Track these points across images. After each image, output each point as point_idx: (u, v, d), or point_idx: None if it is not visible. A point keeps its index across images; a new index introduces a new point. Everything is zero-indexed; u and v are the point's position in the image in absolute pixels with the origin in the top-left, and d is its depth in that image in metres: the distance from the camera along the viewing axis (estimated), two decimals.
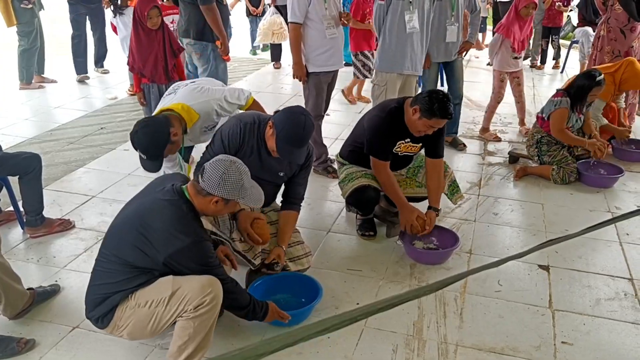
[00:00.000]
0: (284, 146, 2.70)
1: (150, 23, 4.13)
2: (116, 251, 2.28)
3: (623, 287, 3.16)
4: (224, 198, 2.28)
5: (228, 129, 2.84)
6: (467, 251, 3.48)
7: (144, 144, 2.93)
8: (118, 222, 2.37)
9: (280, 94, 6.94)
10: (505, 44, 5.22)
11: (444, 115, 3.16)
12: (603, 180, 4.49)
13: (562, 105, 4.44)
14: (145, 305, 2.27)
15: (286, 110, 2.79)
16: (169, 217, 2.22)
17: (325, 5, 4.17)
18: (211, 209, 2.32)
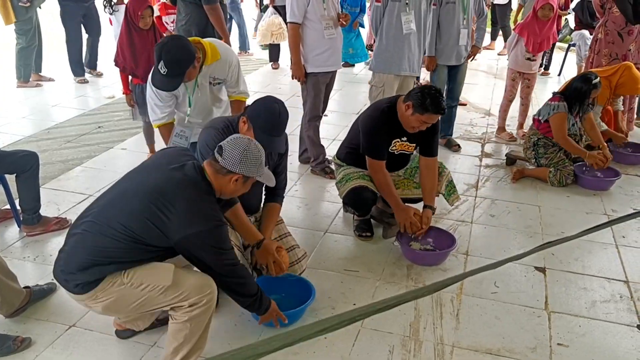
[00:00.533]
0: (264, 137, 2.66)
1: (142, 23, 4.12)
2: (123, 220, 2.13)
3: (619, 289, 3.17)
4: (244, 175, 2.24)
5: (208, 138, 2.77)
6: (464, 253, 3.49)
7: (172, 55, 2.94)
8: (124, 192, 2.23)
9: (279, 94, 6.92)
10: (521, 44, 5.23)
11: (436, 110, 3.18)
12: (600, 183, 4.51)
13: (560, 110, 4.45)
14: (138, 287, 2.19)
15: (257, 102, 2.77)
16: (192, 197, 2.15)
17: (324, 5, 4.18)
18: (230, 188, 2.26)
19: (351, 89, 7.40)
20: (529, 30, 5.17)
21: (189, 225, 2.11)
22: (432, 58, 4.87)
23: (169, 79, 3.02)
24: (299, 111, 4.65)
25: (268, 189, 3.05)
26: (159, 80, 3.04)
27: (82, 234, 2.19)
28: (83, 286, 2.17)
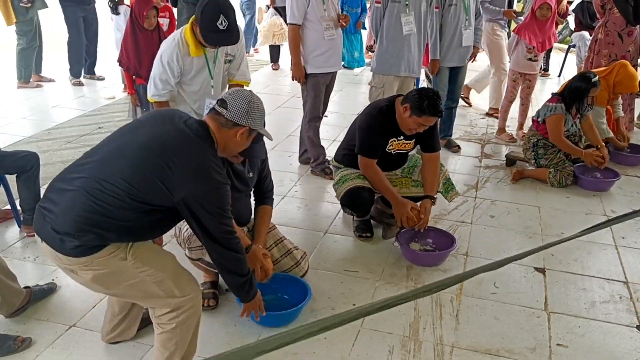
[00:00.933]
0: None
1: (147, 23, 4.14)
2: (126, 176, 1.98)
3: (618, 290, 3.18)
4: (250, 128, 2.21)
5: None
6: (464, 253, 3.50)
7: (229, 8, 2.98)
8: (123, 148, 2.07)
9: (279, 94, 6.94)
10: (521, 45, 5.24)
11: (433, 112, 3.20)
12: (599, 184, 4.51)
13: (557, 111, 4.46)
14: (138, 268, 2.07)
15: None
16: (200, 154, 2.05)
17: (324, 6, 4.18)
18: (235, 142, 2.21)
19: (351, 90, 7.41)
20: (529, 30, 5.18)
21: (195, 181, 2.01)
22: (435, 61, 4.86)
23: (230, 33, 3.01)
24: (299, 112, 4.66)
25: (257, 193, 3.03)
26: (222, 37, 3.02)
27: (77, 191, 1.99)
28: (84, 250, 1.98)
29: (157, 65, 3.21)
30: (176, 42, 3.14)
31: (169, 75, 3.19)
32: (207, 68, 3.28)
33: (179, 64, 3.18)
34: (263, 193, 3.03)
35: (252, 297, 2.40)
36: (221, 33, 2.99)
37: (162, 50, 3.20)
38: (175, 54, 3.14)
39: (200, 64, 3.25)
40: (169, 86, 3.24)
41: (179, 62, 3.16)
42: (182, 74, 3.24)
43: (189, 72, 3.25)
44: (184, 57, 3.17)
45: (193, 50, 3.15)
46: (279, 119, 5.79)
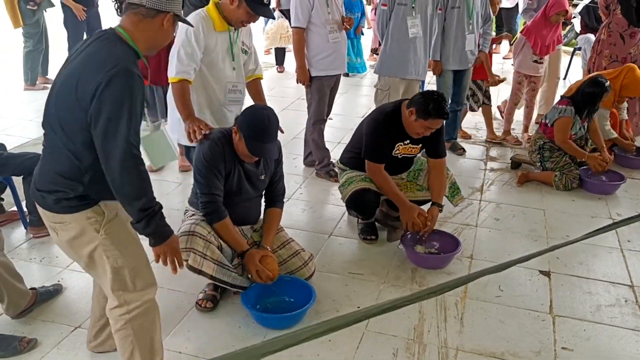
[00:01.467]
0: (255, 144, 2.66)
1: None
2: (60, 117, 1.93)
3: (624, 293, 3.17)
4: (175, 14, 2.03)
5: (207, 148, 2.74)
6: (469, 256, 3.49)
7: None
8: (53, 91, 2.00)
9: (284, 97, 6.95)
10: (528, 47, 5.23)
11: (439, 115, 3.20)
12: (605, 187, 4.50)
13: (567, 114, 4.45)
14: (106, 245, 2.03)
15: (246, 111, 2.78)
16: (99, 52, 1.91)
17: (328, 9, 4.19)
18: (162, 33, 2.04)
19: (356, 93, 7.42)
20: (536, 33, 5.17)
21: (100, 69, 1.84)
22: (437, 62, 4.87)
23: (269, 8, 3.09)
24: (303, 114, 4.67)
25: (268, 196, 3.06)
26: (267, 10, 3.07)
27: (44, 149, 2.05)
28: (64, 207, 1.99)
29: (181, 40, 3.02)
30: (201, 15, 3.06)
31: (194, 47, 2.99)
32: (229, 47, 3.15)
33: (205, 35, 3.02)
34: (274, 196, 3.05)
35: (159, 237, 2.05)
36: (264, 6, 3.02)
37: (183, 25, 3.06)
38: (200, 25, 3.01)
39: (224, 42, 3.13)
40: (194, 62, 3.02)
41: (204, 32, 3.02)
42: (205, 51, 3.06)
43: (213, 49, 3.08)
44: (209, 32, 3.05)
45: (218, 25, 3.06)
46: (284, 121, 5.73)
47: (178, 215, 3.48)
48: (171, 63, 3.06)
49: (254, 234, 3.04)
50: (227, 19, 3.08)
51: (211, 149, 2.74)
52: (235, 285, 2.82)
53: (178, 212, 3.73)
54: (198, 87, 3.13)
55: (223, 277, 2.75)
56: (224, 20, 3.08)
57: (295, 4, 4.17)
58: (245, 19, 3.05)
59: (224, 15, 3.07)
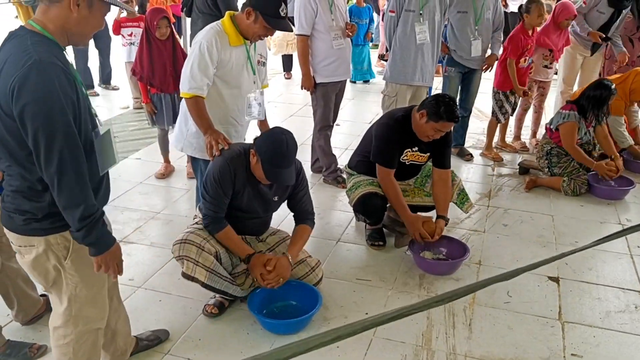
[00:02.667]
0: (271, 169, 2.64)
1: (159, 33, 4.18)
2: None
3: (633, 299, 3.15)
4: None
5: (217, 168, 2.73)
6: (477, 262, 3.48)
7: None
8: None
9: (292, 103, 6.97)
10: (539, 52, 5.21)
11: (450, 117, 3.21)
12: (614, 192, 4.48)
13: (571, 119, 4.43)
14: (70, 272, 1.96)
15: (265, 134, 2.76)
16: (11, 53, 1.73)
17: (331, 16, 4.20)
18: (76, 22, 1.79)
19: (363, 98, 7.43)
20: (548, 37, 5.14)
21: (13, 70, 1.68)
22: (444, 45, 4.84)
23: (287, 21, 3.02)
24: (311, 121, 4.68)
25: (296, 215, 3.04)
26: (284, 24, 2.97)
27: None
28: (31, 229, 1.88)
29: (194, 55, 2.95)
30: (215, 29, 2.98)
31: (207, 62, 2.92)
32: (248, 61, 3.08)
33: (218, 51, 2.94)
34: (302, 214, 3.03)
35: (101, 247, 1.91)
36: (282, 19, 2.95)
37: (198, 38, 3.00)
38: (214, 39, 2.93)
39: (240, 57, 3.05)
40: (207, 77, 2.95)
41: (217, 48, 2.93)
42: (219, 66, 2.98)
43: (228, 64, 3.01)
44: (223, 47, 2.96)
45: (233, 39, 2.98)
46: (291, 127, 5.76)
47: (186, 221, 3.50)
48: (184, 78, 2.99)
49: (259, 244, 3.05)
50: (243, 32, 3.01)
51: (221, 170, 2.72)
52: (228, 294, 2.83)
53: (186, 219, 3.75)
54: (212, 102, 3.04)
55: (215, 284, 2.76)
56: (239, 34, 3.01)
57: (299, 12, 4.19)
58: (262, 33, 2.99)
59: (240, 29, 3.00)
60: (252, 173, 2.76)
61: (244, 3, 2.99)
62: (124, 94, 7.18)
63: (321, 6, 4.15)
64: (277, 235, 3.12)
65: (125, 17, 6.14)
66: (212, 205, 2.75)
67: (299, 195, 2.98)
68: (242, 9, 2.98)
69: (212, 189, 2.74)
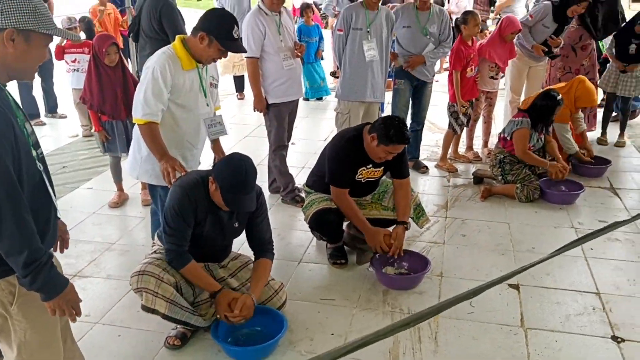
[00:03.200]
0: (231, 197, 2.61)
1: (108, 60, 4.10)
2: None
3: (591, 301, 3.22)
4: (18, 30, 1.67)
5: (176, 201, 2.66)
6: (438, 274, 3.51)
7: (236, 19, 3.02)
8: None
9: (245, 124, 6.93)
10: (485, 64, 5.33)
11: (400, 140, 3.24)
12: (565, 197, 4.61)
13: (523, 125, 4.56)
14: (18, 317, 1.86)
15: (224, 161, 2.73)
16: None
17: (280, 37, 4.20)
18: (12, 57, 1.70)
19: (317, 116, 7.45)
20: (494, 51, 5.30)
21: None
22: (392, 53, 4.91)
23: (240, 42, 3.06)
24: (266, 141, 4.66)
25: (255, 245, 3.00)
26: (238, 45, 3.02)
27: None
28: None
29: (147, 80, 2.91)
30: (167, 54, 2.96)
31: (161, 87, 2.88)
32: (200, 84, 3.08)
33: (172, 75, 2.91)
34: (261, 244, 2.98)
35: (51, 291, 1.81)
36: (235, 41, 2.97)
37: (149, 63, 2.96)
38: (167, 64, 2.90)
39: (194, 80, 3.04)
40: (161, 102, 2.91)
41: (171, 72, 2.91)
42: (173, 90, 2.95)
43: (181, 88, 2.98)
44: (176, 72, 2.94)
45: (185, 64, 2.96)
46: (246, 148, 5.76)
47: (143, 251, 3.41)
48: (136, 104, 2.94)
49: (220, 270, 2.99)
50: (195, 56, 2.99)
51: (181, 201, 2.66)
52: (189, 324, 2.76)
53: (143, 248, 3.66)
54: (166, 127, 3.00)
55: (176, 315, 2.69)
56: (191, 58, 2.99)
57: (247, 34, 4.17)
58: (217, 55, 2.99)
59: (192, 53, 2.98)
60: (212, 201, 2.71)
61: (195, 27, 2.97)
62: (72, 122, 6.98)
63: (269, 28, 4.15)
64: (239, 260, 3.07)
65: (69, 43, 6.01)
66: (174, 238, 2.68)
67: (257, 221, 2.93)
68: (194, 33, 2.96)
69: (174, 221, 2.67)
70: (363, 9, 4.46)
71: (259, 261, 2.95)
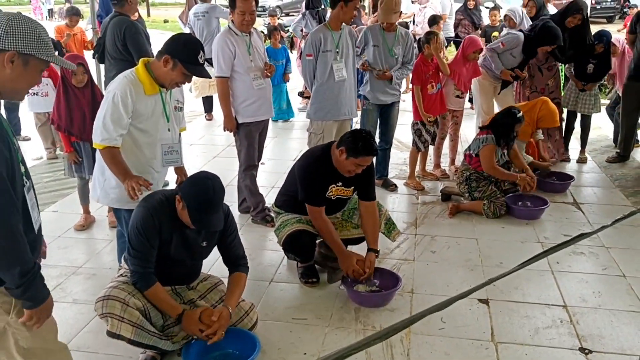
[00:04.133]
0: (198, 216, 2.58)
1: (75, 80, 4.05)
2: None
3: (558, 314, 3.28)
4: (20, 53, 1.75)
5: (140, 219, 2.64)
6: (409, 291, 3.53)
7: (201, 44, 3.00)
8: None
9: (214, 145, 6.91)
10: (449, 84, 5.44)
11: (369, 152, 3.28)
12: (531, 213, 4.70)
13: (489, 142, 4.66)
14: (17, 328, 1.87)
15: (190, 179, 2.71)
16: None
17: (250, 57, 4.23)
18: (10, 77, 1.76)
19: (286, 136, 7.47)
20: (457, 70, 5.42)
21: None
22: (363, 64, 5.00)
23: (204, 67, 2.99)
24: (235, 161, 4.65)
25: (228, 261, 2.98)
26: (200, 70, 2.94)
27: None
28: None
29: (107, 105, 2.89)
30: (129, 78, 2.93)
31: (121, 113, 2.87)
32: (162, 109, 3.05)
33: (133, 101, 2.90)
34: (234, 260, 2.96)
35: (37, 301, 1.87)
36: (200, 66, 2.93)
37: (110, 89, 2.94)
38: (128, 89, 2.88)
39: (156, 105, 3.02)
40: (121, 128, 2.90)
41: (132, 98, 2.89)
42: (134, 115, 2.94)
43: (143, 113, 2.97)
44: (138, 96, 2.92)
45: (148, 88, 2.94)
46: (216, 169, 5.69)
47: (110, 274, 3.34)
48: (96, 129, 2.94)
49: (189, 292, 2.95)
50: (158, 80, 2.97)
51: (145, 221, 2.63)
52: (157, 348, 2.71)
53: (110, 271, 3.59)
54: (127, 150, 2.98)
55: (143, 340, 2.63)
56: (154, 82, 2.97)
57: (217, 54, 4.18)
58: (181, 80, 2.97)
59: (155, 77, 2.96)
60: (178, 219, 2.68)
61: (160, 51, 2.95)
62: (35, 144, 6.85)
63: (239, 48, 4.17)
64: (209, 281, 3.04)
65: None
66: (138, 260, 2.65)
67: (228, 240, 2.92)
68: (158, 56, 2.94)
69: (137, 241, 2.63)
70: (329, 30, 4.54)
71: (234, 275, 2.93)
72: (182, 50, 2.90)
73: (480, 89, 5.95)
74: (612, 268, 3.82)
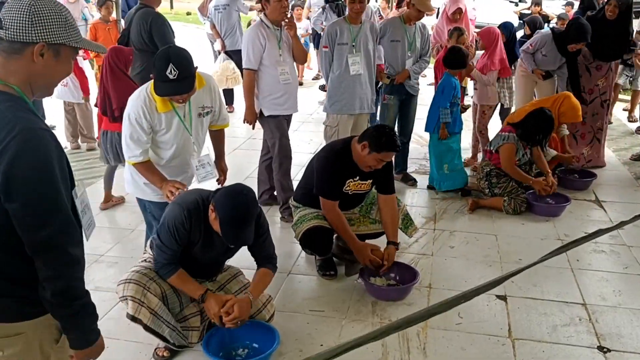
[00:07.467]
0: (229, 231, 2.60)
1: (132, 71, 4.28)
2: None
3: (577, 312, 3.25)
4: (49, 43, 1.56)
5: (173, 218, 2.67)
6: (427, 285, 3.53)
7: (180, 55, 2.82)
8: None
9: (235, 137, 6.94)
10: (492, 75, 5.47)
11: (392, 147, 3.28)
12: (551, 210, 4.66)
13: (510, 140, 4.61)
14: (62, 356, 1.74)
15: (226, 191, 2.68)
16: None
17: (279, 51, 4.23)
18: (40, 72, 1.59)
19: (304, 130, 7.48)
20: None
21: None
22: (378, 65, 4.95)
23: (181, 82, 2.81)
24: (255, 154, 4.68)
25: (257, 259, 3.00)
26: (170, 87, 2.81)
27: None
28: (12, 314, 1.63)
29: (126, 126, 2.98)
30: (142, 97, 2.94)
31: (140, 133, 2.94)
32: (181, 124, 3.04)
33: (148, 120, 2.94)
34: (262, 258, 2.98)
35: (93, 337, 1.76)
36: (170, 82, 2.79)
37: (128, 108, 2.98)
38: (141, 110, 2.92)
39: (171, 121, 3.02)
40: (142, 145, 2.97)
41: (147, 117, 2.93)
42: (153, 130, 3.00)
43: (160, 129, 3.01)
44: (152, 113, 2.95)
45: (160, 106, 2.94)
46: (236, 161, 5.77)
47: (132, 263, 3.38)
48: (123, 147, 3.06)
49: (209, 283, 2.99)
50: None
51: (177, 221, 2.66)
52: (168, 341, 2.74)
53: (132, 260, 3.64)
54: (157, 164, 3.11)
55: (158, 329, 2.68)
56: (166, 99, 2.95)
57: (247, 46, 4.19)
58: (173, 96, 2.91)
59: None
60: (209, 224, 2.70)
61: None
62: (59, 134, 6.95)
63: (269, 42, 4.17)
64: (228, 272, 3.08)
65: None
66: (164, 254, 2.69)
67: (259, 241, 2.90)
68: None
69: (167, 238, 2.68)
70: (346, 24, 4.54)
71: (261, 269, 2.96)
72: (153, 67, 2.87)
73: (520, 84, 5.94)
74: (633, 267, 3.78)
